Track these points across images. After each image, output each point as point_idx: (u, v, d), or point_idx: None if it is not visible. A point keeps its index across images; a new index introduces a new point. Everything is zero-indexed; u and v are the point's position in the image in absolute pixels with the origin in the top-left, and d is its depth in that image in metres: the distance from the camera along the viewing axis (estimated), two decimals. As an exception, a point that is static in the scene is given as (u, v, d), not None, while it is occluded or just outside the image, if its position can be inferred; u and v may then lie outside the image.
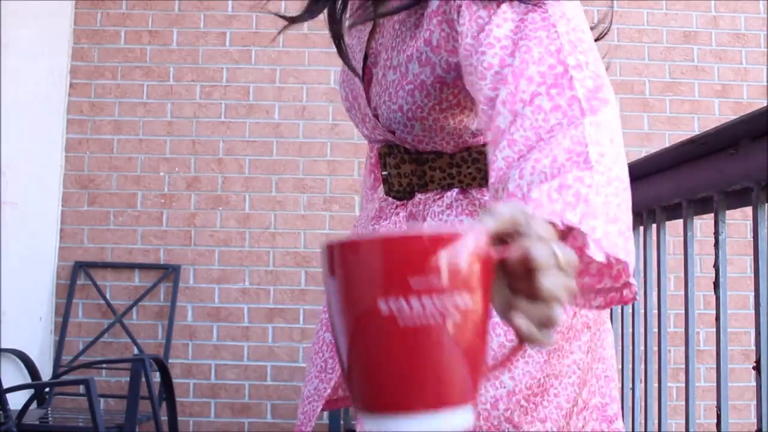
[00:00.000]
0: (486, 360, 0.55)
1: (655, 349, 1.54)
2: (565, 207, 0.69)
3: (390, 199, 1.14)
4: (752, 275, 1.17)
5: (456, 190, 1.07)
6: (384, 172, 1.13)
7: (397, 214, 1.12)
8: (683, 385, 1.42)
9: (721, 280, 1.26)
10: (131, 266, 3.35)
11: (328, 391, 1.21)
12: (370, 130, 1.12)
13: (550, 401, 1.02)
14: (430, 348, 0.50)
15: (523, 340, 0.55)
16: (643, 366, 1.63)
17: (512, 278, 0.56)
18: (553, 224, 0.65)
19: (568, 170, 0.73)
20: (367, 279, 0.49)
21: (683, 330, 1.44)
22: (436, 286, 0.49)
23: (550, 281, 0.55)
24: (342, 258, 0.51)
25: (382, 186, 1.16)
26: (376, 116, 1.07)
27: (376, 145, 1.15)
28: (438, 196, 1.08)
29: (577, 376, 1.05)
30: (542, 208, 0.69)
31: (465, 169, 1.06)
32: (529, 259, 0.55)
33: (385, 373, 0.50)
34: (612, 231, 0.71)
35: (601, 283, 0.76)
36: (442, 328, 0.49)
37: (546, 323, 0.55)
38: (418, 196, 1.10)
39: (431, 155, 1.07)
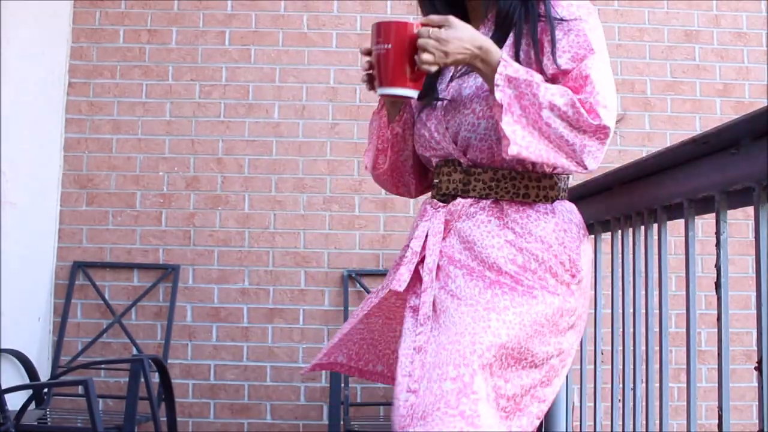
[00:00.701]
0: (408, 72, 1.29)
1: (657, 349, 1.53)
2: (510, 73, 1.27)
3: (435, 201, 1.44)
4: (754, 275, 1.16)
5: (491, 200, 1.37)
6: (436, 180, 1.45)
7: (438, 212, 1.41)
8: (685, 385, 1.42)
9: (722, 280, 1.25)
10: (130, 266, 3.34)
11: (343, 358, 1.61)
12: (436, 150, 1.46)
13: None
14: (388, 63, 1.29)
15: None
16: (644, 366, 1.62)
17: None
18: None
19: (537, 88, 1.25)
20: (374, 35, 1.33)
21: (684, 330, 1.43)
22: (384, 39, 1.30)
23: (437, 44, 1.24)
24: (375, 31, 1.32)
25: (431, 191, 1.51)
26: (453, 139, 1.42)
27: (434, 159, 1.48)
28: (475, 202, 1.38)
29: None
30: (504, 64, 1.27)
31: (503, 184, 1.36)
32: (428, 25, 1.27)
33: (383, 69, 1.31)
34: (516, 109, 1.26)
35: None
36: (392, 52, 1.29)
37: (421, 60, 1.25)
38: (459, 200, 1.39)
39: (479, 169, 1.38)
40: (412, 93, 1.31)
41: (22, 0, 3.00)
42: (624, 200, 1.68)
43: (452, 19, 1.26)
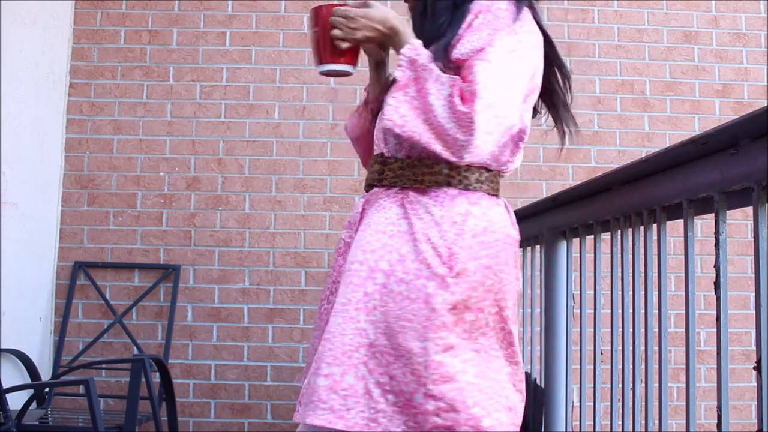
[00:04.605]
0: (334, 50, 1.42)
1: (656, 349, 1.53)
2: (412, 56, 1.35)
3: (363, 192, 1.51)
4: (753, 275, 1.17)
5: (398, 187, 1.40)
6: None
7: (359, 202, 1.49)
8: (684, 385, 1.42)
9: (721, 280, 1.26)
10: (131, 266, 3.35)
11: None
12: (377, 145, 1.51)
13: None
14: (318, 43, 1.45)
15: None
16: (643, 366, 1.62)
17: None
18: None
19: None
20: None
21: (684, 330, 1.43)
22: (314, 22, 1.46)
23: (346, 22, 1.38)
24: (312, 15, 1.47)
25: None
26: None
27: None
28: (386, 190, 1.42)
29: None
30: (410, 47, 1.36)
31: (407, 171, 1.40)
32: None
33: (315, 49, 1.48)
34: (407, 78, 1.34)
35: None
36: (319, 33, 1.44)
37: (333, 36, 1.40)
38: (375, 189, 1.46)
39: (392, 159, 1.43)
40: (344, 68, 1.43)
41: (23, 0, 3.00)
42: (624, 200, 1.68)
43: (372, 2, 1.39)
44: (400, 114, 1.31)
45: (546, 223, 2.23)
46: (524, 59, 1.36)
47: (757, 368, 1.13)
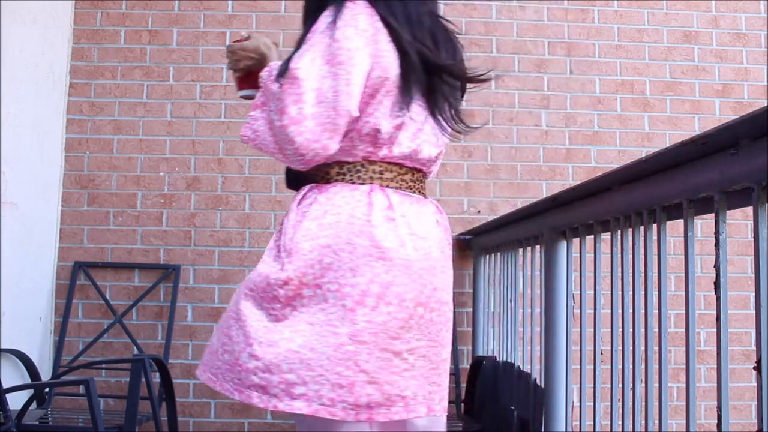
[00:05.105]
0: (238, 79, 1.66)
1: (656, 349, 1.53)
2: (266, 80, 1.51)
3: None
4: (753, 275, 1.17)
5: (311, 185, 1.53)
6: None
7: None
8: (684, 385, 1.42)
9: (721, 280, 1.26)
10: (131, 266, 3.35)
11: None
12: None
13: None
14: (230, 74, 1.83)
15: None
16: (643, 366, 1.62)
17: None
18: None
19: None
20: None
21: (684, 330, 1.43)
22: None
23: (231, 55, 1.62)
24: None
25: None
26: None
27: None
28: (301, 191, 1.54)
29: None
30: (266, 70, 1.53)
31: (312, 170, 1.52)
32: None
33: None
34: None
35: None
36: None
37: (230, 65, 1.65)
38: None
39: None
40: (250, 92, 1.62)
41: (23, 0, 3.00)
42: (623, 200, 1.68)
43: (254, 34, 1.63)
44: (253, 129, 1.47)
45: (546, 223, 2.23)
46: (343, 63, 1.41)
47: (757, 368, 1.13)
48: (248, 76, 1.61)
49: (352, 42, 1.41)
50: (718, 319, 1.27)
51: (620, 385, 1.72)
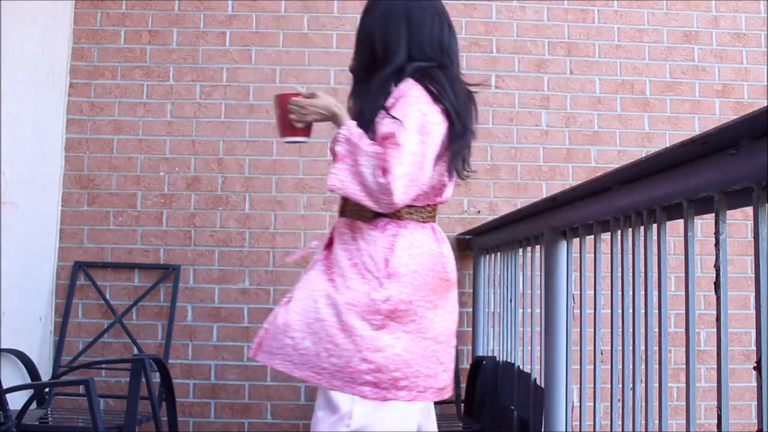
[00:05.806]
0: (290, 127, 1.89)
1: (656, 349, 1.53)
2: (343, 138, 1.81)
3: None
4: (753, 275, 1.17)
5: (352, 218, 1.87)
6: None
7: (333, 225, 1.95)
8: (684, 385, 1.42)
9: (721, 280, 1.26)
10: (131, 266, 3.35)
11: None
12: None
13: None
14: (278, 122, 1.93)
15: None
16: (643, 366, 1.62)
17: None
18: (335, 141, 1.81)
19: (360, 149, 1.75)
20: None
21: (684, 330, 1.43)
22: (276, 106, 1.92)
23: (299, 109, 1.88)
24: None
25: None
26: None
27: None
28: (346, 220, 1.89)
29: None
30: (346, 128, 1.81)
31: (357, 207, 1.84)
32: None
33: (277, 125, 1.95)
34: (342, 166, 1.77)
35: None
36: (279, 115, 1.92)
37: (290, 120, 1.89)
38: (340, 218, 1.93)
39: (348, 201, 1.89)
40: (301, 139, 1.93)
41: (23, 0, 3.00)
42: (623, 200, 1.68)
43: (318, 92, 1.91)
44: (339, 179, 1.75)
45: (546, 223, 2.23)
46: (429, 134, 1.76)
47: (757, 368, 1.13)
48: (306, 127, 1.90)
49: (434, 117, 1.76)
50: (718, 319, 1.27)
51: (620, 385, 1.72)
